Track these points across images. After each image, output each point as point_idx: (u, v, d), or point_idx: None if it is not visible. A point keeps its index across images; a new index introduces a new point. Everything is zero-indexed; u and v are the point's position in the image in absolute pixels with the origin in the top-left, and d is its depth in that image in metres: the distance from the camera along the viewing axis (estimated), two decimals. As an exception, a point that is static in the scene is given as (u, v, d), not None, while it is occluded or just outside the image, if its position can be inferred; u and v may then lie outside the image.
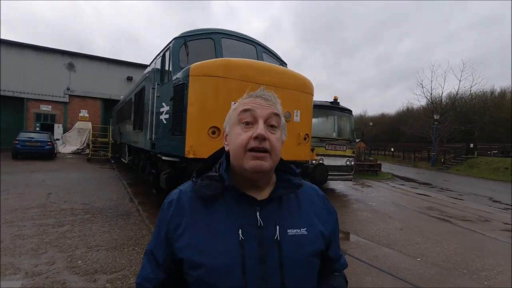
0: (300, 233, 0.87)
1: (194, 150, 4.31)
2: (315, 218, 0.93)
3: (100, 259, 3.57)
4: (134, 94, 8.97)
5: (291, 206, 0.91)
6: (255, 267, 0.78)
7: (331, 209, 1.02)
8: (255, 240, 0.81)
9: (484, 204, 9.77)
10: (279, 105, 0.91)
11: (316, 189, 1.03)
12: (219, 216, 0.84)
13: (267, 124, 0.84)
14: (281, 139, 0.88)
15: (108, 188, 8.03)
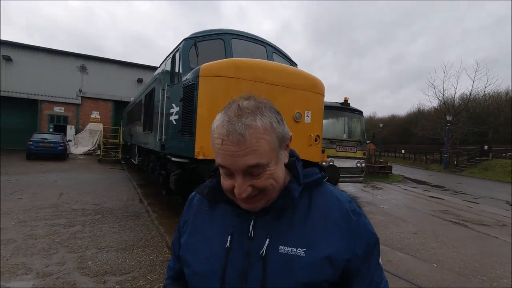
0: (293, 253, 0.71)
1: (204, 151, 4.27)
2: (324, 238, 0.72)
3: (110, 260, 3.55)
4: (144, 95, 9.03)
5: (296, 217, 0.75)
6: (235, 281, 0.72)
7: (359, 229, 0.74)
8: (241, 251, 0.74)
9: (501, 208, 9.45)
10: (262, 129, 0.66)
11: (342, 199, 0.78)
12: (216, 220, 0.81)
13: (248, 173, 0.68)
14: (275, 171, 0.70)
15: (118, 189, 8.09)
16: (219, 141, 0.68)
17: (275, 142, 0.69)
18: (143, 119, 8.76)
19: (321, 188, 0.81)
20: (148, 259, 3.67)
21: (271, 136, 0.68)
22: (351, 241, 0.73)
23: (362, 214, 0.78)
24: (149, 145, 7.68)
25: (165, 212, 5.96)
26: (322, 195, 0.79)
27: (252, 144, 0.66)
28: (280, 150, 0.72)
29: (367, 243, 0.74)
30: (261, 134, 0.66)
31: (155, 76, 7.71)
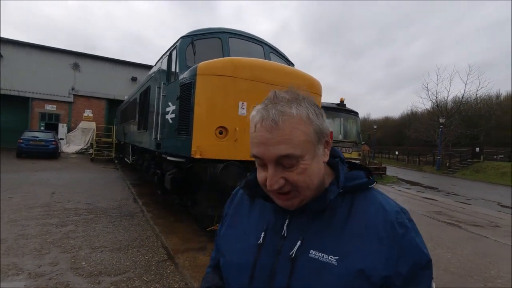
0: (324, 260, 0.66)
1: (201, 150, 4.22)
2: (361, 248, 0.66)
3: (104, 260, 3.48)
4: (139, 94, 8.92)
5: (333, 222, 0.70)
6: (263, 279, 0.71)
7: (405, 245, 0.65)
8: (272, 249, 0.72)
9: (493, 209, 9.58)
10: (298, 118, 0.64)
11: (388, 208, 0.70)
12: (253, 215, 0.81)
13: (281, 164, 0.66)
14: (310, 166, 0.66)
15: (111, 188, 7.97)
16: (253, 127, 0.67)
17: (311, 135, 0.66)
18: (138, 117, 8.65)
19: (367, 194, 0.74)
20: (144, 259, 3.60)
21: (307, 127, 0.65)
22: (393, 257, 0.64)
23: (412, 229, 0.68)
24: (143, 144, 7.58)
25: (160, 211, 5.88)
26: (366, 202, 0.72)
27: (285, 132, 0.63)
28: (318, 145, 0.68)
29: (414, 262, 0.65)
30: (295, 123, 0.64)
31: (150, 74, 7.62)
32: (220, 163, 4.08)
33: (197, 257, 3.82)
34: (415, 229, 0.69)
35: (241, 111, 4.38)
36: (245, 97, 4.41)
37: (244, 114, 4.39)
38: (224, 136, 4.32)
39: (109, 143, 17.67)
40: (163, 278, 3.20)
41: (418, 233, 0.70)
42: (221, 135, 4.32)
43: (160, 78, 6.12)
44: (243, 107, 4.38)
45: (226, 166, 3.99)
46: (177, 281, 3.16)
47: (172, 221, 5.35)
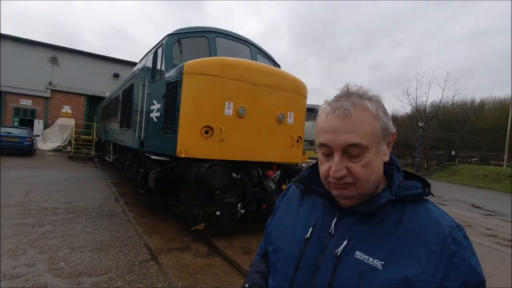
0: (369, 263, 0.66)
1: (186, 149, 4.19)
2: (408, 257, 0.65)
3: (85, 260, 3.39)
4: (122, 91, 8.71)
5: (382, 227, 0.70)
6: (308, 271, 0.73)
7: (457, 262, 0.63)
8: (318, 245, 0.75)
9: (467, 209, 10.05)
10: (367, 109, 0.69)
11: (443, 222, 0.68)
12: (304, 209, 0.85)
13: (347, 153, 0.69)
14: (373, 161, 0.69)
15: (91, 187, 7.75)
16: (323, 116, 0.71)
17: (378, 130, 0.69)
18: (120, 115, 8.45)
19: (420, 205, 0.72)
20: (126, 260, 3.53)
21: (375, 122, 0.69)
22: (442, 271, 0.63)
23: (467, 247, 0.66)
24: (126, 142, 7.42)
25: (143, 211, 5.78)
26: (418, 213, 0.71)
27: (356, 122, 0.67)
28: (382, 142, 0.71)
29: (465, 281, 0.63)
30: (366, 115, 0.68)
31: (134, 71, 7.47)
32: (206, 163, 4.07)
33: (180, 256, 3.79)
34: (470, 248, 0.67)
35: (227, 111, 4.38)
36: (232, 97, 4.42)
37: (230, 114, 4.40)
38: (210, 135, 4.31)
39: (89, 140, 17.13)
40: (146, 278, 3.16)
41: (474, 252, 0.67)
42: (207, 135, 4.30)
43: (145, 76, 6.02)
44: (229, 107, 4.39)
45: (211, 166, 3.98)
46: (160, 281, 3.12)
47: (156, 220, 5.27)
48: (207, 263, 3.67)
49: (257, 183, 4.72)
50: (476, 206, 11.17)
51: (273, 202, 4.67)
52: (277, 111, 4.82)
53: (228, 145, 4.40)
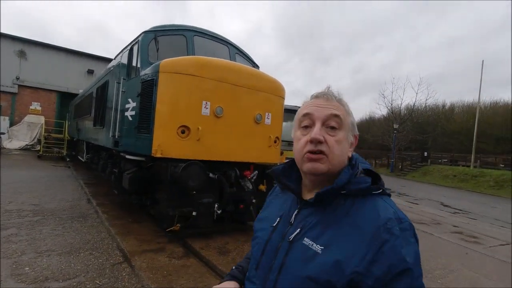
0: (312, 247, 0.77)
1: (162, 149, 4.11)
2: (344, 243, 0.74)
3: (52, 265, 3.24)
4: (96, 88, 8.41)
5: (331, 216, 0.80)
6: (270, 254, 0.87)
7: (386, 249, 0.70)
8: (280, 232, 0.88)
9: (436, 208, 10.55)
10: (344, 104, 0.87)
11: (382, 215, 0.75)
12: (279, 203, 0.99)
13: (325, 125, 0.83)
14: (344, 141, 0.84)
15: (62, 188, 7.41)
16: (311, 101, 0.88)
17: (349, 122, 0.86)
18: (94, 113, 8.16)
19: (369, 199, 0.81)
20: (97, 263, 3.41)
21: (347, 115, 0.86)
22: (370, 257, 0.70)
23: (399, 237, 0.72)
24: (100, 142, 7.17)
25: (117, 212, 5.60)
26: (364, 206, 0.79)
27: (337, 105, 0.85)
28: (350, 133, 0.86)
29: (390, 266, 0.69)
30: (343, 106, 0.86)
31: (109, 68, 7.23)
32: (182, 163, 4.01)
33: (155, 258, 3.71)
34: (405, 239, 0.72)
35: (204, 111, 4.34)
36: (209, 97, 4.38)
37: (207, 114, 4.36)
38: (187, 135, 4.26)
39: (60, 139, 16.38)
40: (118, 281, 3.07)
41: (409, 242, 0.73)
42: (183, 134, 4.24)
43: (120, 73, 5.84)
44: (206, 106, 4.35)
45: (187, 166, 3.93)
46: (133, 284, 3.04)
47: (130, 222, 5.13)
48: (182, 264, 3.62)
49: (234, 183, 4.71)
50: (445, 204, 11.76)
51: (250, 202, 4.68)
52: (255, 111, 4.84)
53: (205, 145, 4.36)
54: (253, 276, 0.91)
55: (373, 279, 0.69)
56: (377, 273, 0.69)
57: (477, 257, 5.12)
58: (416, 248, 0.74)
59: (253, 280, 0.90)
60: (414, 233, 0.77)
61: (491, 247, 5.87)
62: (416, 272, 0.71)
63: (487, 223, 8.57)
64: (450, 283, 3.89)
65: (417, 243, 0.76)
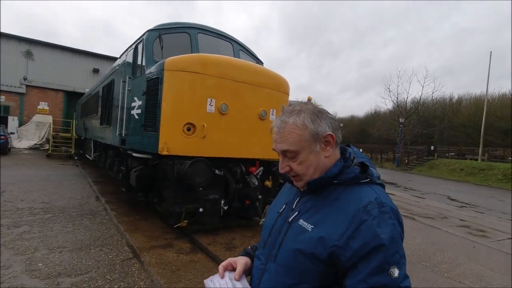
0: (305, 227, 0.92)
1: (168, 146, 4.16)
2: (329, 223, 0.87)
3: (64, 261, 3.33)
4: (102, 87, 8.50)
5: (324, 201, 0.94)
6: (275, 234, 1.02)
7: (363, 227, 0.81)
8: (284, 216, 1.03)
9: (443, 202, 10.48)
10: (298, 120, 0.92)
11: (364, 199, 0.86)
12: (286, 194, 1.13)
13: (285, 156, 0.95)
14: (307, 158, 0.93)
15: (71, 186, 7.55)
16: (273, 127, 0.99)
17: (307, 136, 0.92)
18: (101, 112, 8.26)
19: (358, 187, 0.92)
20: (107, 258, 3.50)
21: (302, 131, 0.92)
22: (349, 233, 0.82)
23: (377, 217, 0.82)
24: (107, 140, 7.27)
25: (124, 209, 5.70)
26: (351, 193, 0.91)
27: (284, 135, 0.93)
28: (315, 144, 0.93)
29: (365, 241, 0.80)
30: (292, 128, 0.92)
31: (114, 67, 7.30)
32: (188, 160, 4.06)
33: (163, 254, 3.78)
34: (383, 219, 0.82)
35: (209, 108, 4.38)
36: (214, 94, 4.41)
37: (212, 111, 4.40)
38: (192, 132, 4.30)
39: (68, 138, 16.59)
40: (128, 276, 3.14)
41: (386, 223, 0.82)
42: (189, 132, 4.29)
43: (125, 72, 5.90)
44: (211, 104, 4.39)
45: (193, 163, 3.98)
46: (142, 279, 3.11)
47: (138, 219, 5.21)
48: (190, 260, 3.68)
49: (240, 179, 4.75)
50: (452, 198, 11.68)
51: (256, 198, 4.72)
52: (259, 108, 4.86)
53: (211, 142, 4.40)
54: (260, 253, 1.05)
55: (350, 252, 0.81)
56: (354, 247, 0.80)
57: (484, 251, 5.11)
58: (393, 228, 0.83)
59: (259, 257, 1.05)
60: (396, 217, 0.86)
61: (499, 240, 5.84)
62: (391, 249, 0.80)
63: (495, 216, 8.50)
64: (456, 277, 3.90)
65: (399, 226, 0.86)
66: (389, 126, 32.99)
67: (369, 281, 0.78)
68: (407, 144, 32.37)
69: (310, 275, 0.87)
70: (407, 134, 30.63)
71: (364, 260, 0.79)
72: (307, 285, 0.87)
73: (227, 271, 1.06)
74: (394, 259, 0.80)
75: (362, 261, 0.79)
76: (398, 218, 0.87)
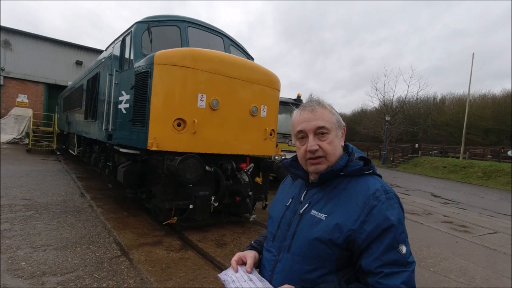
0: (318, 216, 0.99)
1: (157, 142, 4.07)
2: (342, 211, 0.95)
3: (49, 259, 3.21)
4: (86, 80, 8.23)
5: (332, 192, 1.02)
6: (284, 227, 1.09)
7: (374, 211, 0.91)
8: (293, 209, 1.10)
9: (427, 199, 10.77)
10: (326, 107, 1.05)
11: (371, 187, 0.96)
12: (290, 188, 1.20)
13: (317, 134, 1.02)
14: (334, 139, 1.03)
15: (54, 182, 7.30)
16: (298, 113, 1.07)
17: (334, 120, 1.04)
18: (85, 106, 8.00)
19: (362, 178, 1.02)
20: (94, 256, 3.40)
21: (331, 115, 1.04)
22: (362, 218, 0.91)
23: (385, 202, 0.93)
24: (92, 135, 7.05)
25: (111, 206, 5.56)
26: (357, 183, 1.00)
27: (321, 113, 1.03)
28: (338, 130, 1.05)
29: (377, 224, 0.90)
30: (325, 111, 1.04)
31: (100, 60, 7.07)
32: (178, 156, 3.98)
33: (153, 251, 3.71)
34: (390, 204, 0.93)
35: (200, 103, 4.30)
36: (204, 89, 4.34)
37: (203, 106, 4.33)
38: (182, 128, 4.22)
39: (50, 132, 16.04)
40: (117, 274, 3.06)
41: (393, 207, 0.94)
42: (179, 127, 4.20)
43: (112, 65, 5.72)
44: (202, 99, 4.31)
45: (184, 159, 3.91)
46: (132, 277, 3.04)
47: (126, 215, 5.10)
48: (180, 257, 3.63)
49: (231, 176, 4.71)
50: (436, 195, 12.02)
51: (246, 194, 4.70)
52: (251, 104, 4.82)
53: (201, 138, 4.33)
54: (270, 246, 1.12)
55: (365, 234, 0.90)
56: (368, 229, 0.90)
57: (467, 246, 5.28)
58: (399, 211, 0.95)
59: (270, 249, 1.11)
60: (399, 202, 0.98)
61: (480, 236, 6.04)
62: (399, 229, 0.91)
63: (476, 213, 8.80)
64: (442, 271, 4.01)
65: (401, 209, 0.97)
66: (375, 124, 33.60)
67: (383, 258, 0.88)
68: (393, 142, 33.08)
69: (327, 260, 0.95)
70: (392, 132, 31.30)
71: (376, 241, 0.89)
72: (325, 270, 0.95)
73: (238, 265, 1.13)
74: (402, 237, 0.91)
75: (375, 241, 0.89)
76: (400, 203, 0.98)
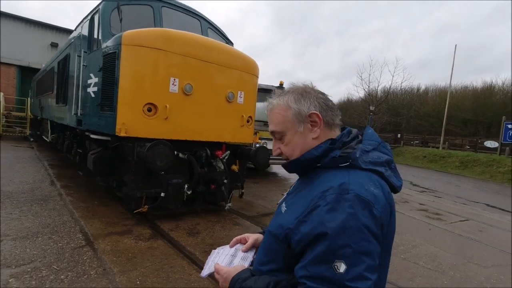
0: (281, 209, 0.97)
1: (126, 128, 3.88)
2: (296, 206, 0.89)
3: (4, 250, 3.03)
4: (57, 62, 7.80)
5: (304, 185, 0.95)
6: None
7: (315, 213, 0.78)
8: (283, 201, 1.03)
9: (406, 187, 11.02)
10: (283, 101, 0.94)
11: (329, 184, 0.81)
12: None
13: (275, 137, 0.99)
14: (293, 138, 0.93)
15: (23, 170, 6.96)
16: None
17: (290, 117, 0.92)
18: (56, 89, 7.61)
19: (337, 171, 0.86)
20: (56, 247, 3.24)
21: (286, 112, 0.93)
22: (301, 217, 0.82)
23: (329, 204, 0.77)
24: (63, 120, 6.73)
25: (82, 195, 5.35)
26: (325, 176, 0.87)
27: (275, 113, 0.96)
28: (299, 124, 0.92)
29: (312, 227, 0.78)
30: (280, 106, 0.95)
31: (70, 40, 6.68)
32: (149, 142, 3.81)
33: (120, 241, 3.58)
34: (336, 207, 0.76)
35: (172, 88, 4.11)
36: (177, 74, 4.14)
37: (175, 91, 4.14)
38: (153, 113, 4.03)
39: (23, 118, 15.33)
40: (78, 265, 2.92)
41: (339, 211, 0.75)
42: (150, 113, 4.01)
43: (81, 45, 5.40)
44: (174, 83, 4.12)
45: (153, 145, 3.74)
46: (94, 268, 2.91)
47: (96, 204, 4.91)
48: (149, 247, 3.52)
49: (205, 163, 4.59)
50: (414, 184, 12.32)
51: (221, 182, 4.60)
52: (227, 90, 4.66)
53: (174, 124, 4.17)
54: None
55: (299, 235, 0.80)
56: (303, 231, 0.79)
57: (439, 233, 5.41)
58: (349, 218, 0.74)
59: None
60: (362, 207, 0.76)
61: (452, 223, 6.22)
62: (338, 240, 0.73)
63: (451, 201, 9.07)
64: (412, 258, 4.08)
65: (364, 217, 0.75)
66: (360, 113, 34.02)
67: (309, 269, 0.75)
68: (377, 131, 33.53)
69: (277, 255, 0.90)
70: (376, 121, 31.80)
71: (310, 247, 0.77)
72: (275, 265, 0.90)
73: (239, 243, 1.12)
74: (343, 252, 0.72)
75: (309, 247, 0.77)
76: (366, 209, 0.76)
